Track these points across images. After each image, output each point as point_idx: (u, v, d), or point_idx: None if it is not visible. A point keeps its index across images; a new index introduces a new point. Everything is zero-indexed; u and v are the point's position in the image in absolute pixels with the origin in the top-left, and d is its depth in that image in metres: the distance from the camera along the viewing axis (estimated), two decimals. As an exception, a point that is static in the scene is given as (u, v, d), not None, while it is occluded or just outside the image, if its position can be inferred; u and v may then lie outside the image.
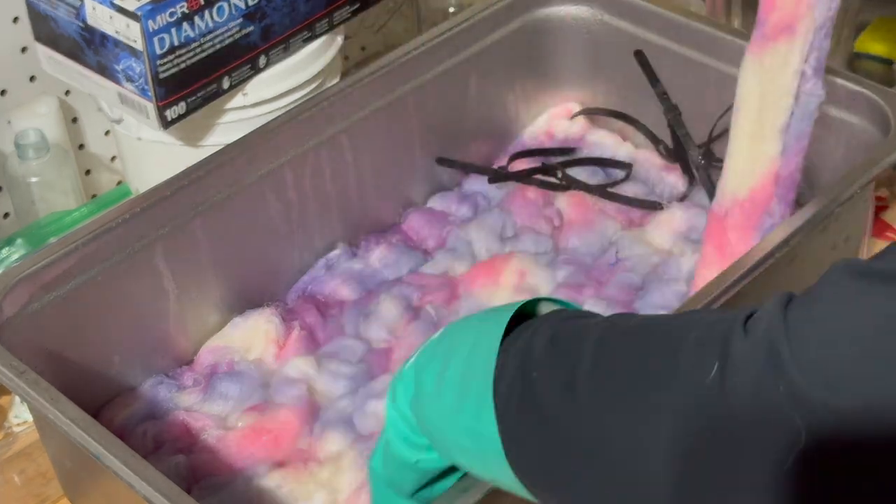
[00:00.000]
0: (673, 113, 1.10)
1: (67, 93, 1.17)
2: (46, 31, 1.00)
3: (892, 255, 0.51)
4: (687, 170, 1.11)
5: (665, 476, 0.53)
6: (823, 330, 0.50)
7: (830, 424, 0.48)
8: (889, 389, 0.48)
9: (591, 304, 0.99)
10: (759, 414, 0.50)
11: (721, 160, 1.08)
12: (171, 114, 0.98)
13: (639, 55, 1.11)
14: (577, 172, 1.13)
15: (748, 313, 0.54)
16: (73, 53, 1.00)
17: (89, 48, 0.98)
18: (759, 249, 0.86)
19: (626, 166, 1.15)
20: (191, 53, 0.98)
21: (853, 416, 0.48)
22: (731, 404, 0.51)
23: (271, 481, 0.89)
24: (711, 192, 1.09)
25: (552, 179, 1.12)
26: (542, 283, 1.03)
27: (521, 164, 1.15)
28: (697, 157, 1.09)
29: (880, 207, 1.18)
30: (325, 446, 0.92)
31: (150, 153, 1.07)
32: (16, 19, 1.10)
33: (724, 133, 1.09)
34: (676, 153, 1.12)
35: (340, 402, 0.95)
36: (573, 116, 1.19)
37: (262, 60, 1.04)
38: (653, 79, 1.11)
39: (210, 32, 0.98)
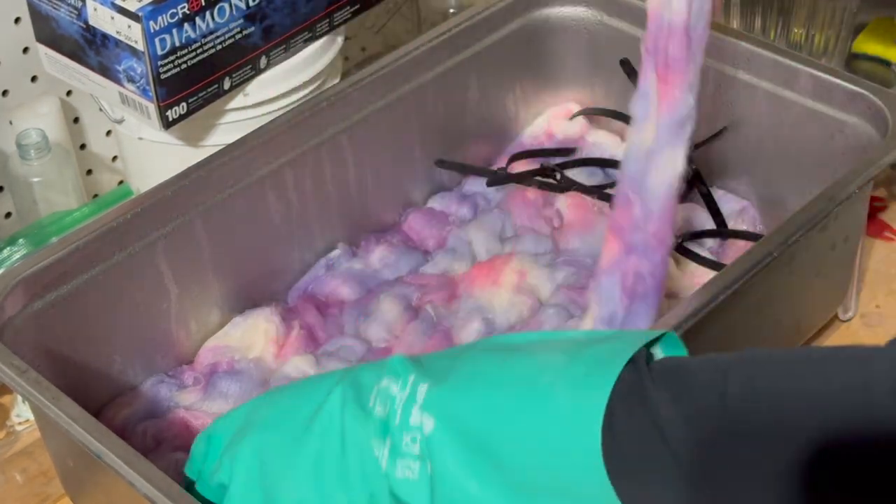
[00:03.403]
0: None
1: (69, 93, 1.17)
2: (48, 31, 1.01)
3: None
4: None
5: None
6: None
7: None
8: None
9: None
10: None
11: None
12: (172, 114, 0.99)
13: (625, 64, 1.11)
14: (577, 173, 1.14)
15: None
16: (75, 54, 1.00)
17: (90, 49, 0.98)
18: (759, 249, 0.87)
19: (626, 166, 1.15)
20: (192, 54, 0.98)
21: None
22: None
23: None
24: (706, 193, 1.09)
25: (551, 181, 1.12)
26: (542, 284, 1.03)
27: (521, 165, 1.15)
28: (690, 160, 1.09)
29: (878, 208, 1.18)
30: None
31: (152, 153, 1.07)
32: (17, 20, 1.10)
33: (719, 134, 1.10)
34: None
35: (340, 401, 0.95)
36: (573, 117, 1.19)
37: (262, 61, 1.05)
38: None
39: (211, 33, 0.99)
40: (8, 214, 1.17)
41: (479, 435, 0.60)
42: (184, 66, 0.98)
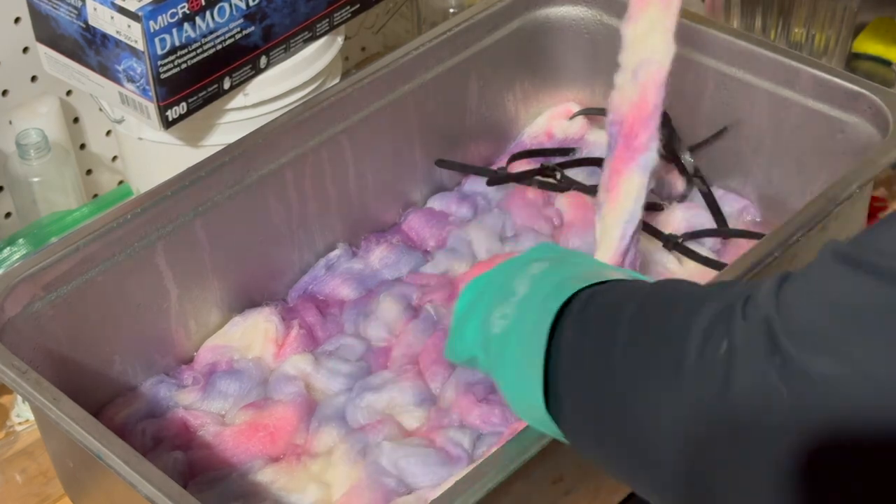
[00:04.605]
0: (662, 118, 1.10)
1: (69, 93, 1.17)
2: (48, 31, 1.01)
3: (869, 244, 0.53)
4: (683, 171, 1.12)
5: (674, 457, 0.58)
6: (813, 304, 0.53)
7: (816, 394, 0.51)
8: (868, 359, 0.50)
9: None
10: (759, 399, 0.53)
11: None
12: (172, 114, 0.99)
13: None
14: (577, 172, 1.14)
15: (747, 295, 0.57)
16: (75, 54, 1.00)
17: (90, 48, 0.98)
18: (759, 248, 0.87)
19: (626, 166, 1.15)
20: (192, 54, 0.98)
21: (840, 384, 0.51)
22: (736, 394, 0.54)
23: (266, 476, 0.89)
24: (707, 193, 1.09)
25: (551, 181, 1.12)
26: (542, 283, 1.03)
27: (521, 165, 1.15)
28: (690, 160, 1.09)
29: (878, 208, 1.18)
30: (320, 441, 0.92)
31: (151, 153, 1.07)
32: (17, 20, 1.10)
33: (719, 134, 1.09)
34: (670, 156, 1.12)
35: (337, 398, 0.95)
36: (572, 117, 1.19)
37: (262, 61, 1.05)
38: None
39: (211, 33, 0.99)
40: (8, 214, 1.17)
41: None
42: (184, 65, 0.97)
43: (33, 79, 1.14)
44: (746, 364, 0.54)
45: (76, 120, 1.20)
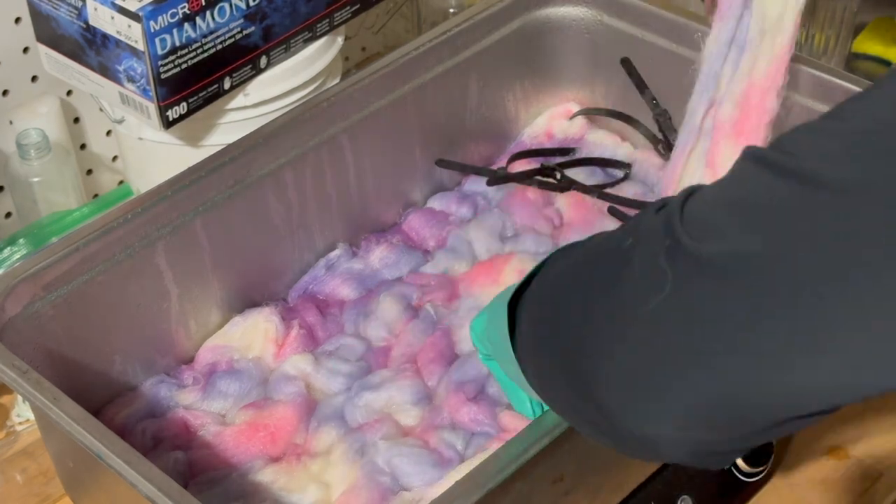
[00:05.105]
0: (663, 117, 1.11)
1: (69, 93, 1.17)
2: (48, 31, 1.01)
3: (787, 146, 0.56)
4: (685, 170, 1.12)
5: (573, 332, 0.65)
6: (711, 197, 0.58)
7: (693, 271, 0.56)
8: (746, 246, 0.54)
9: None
10: (647, 280, 0.58)
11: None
12: (172, 114, 0.99)
13: (625, 63, 1.11)
14: (577, 172, 1.14)
15: (666, 202, 0.61)
16: (75, 54, 1.00)
17: (91, 48, 0.98)
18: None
19: (626, 166, 1.15)
20: (192, 54, 0.98)
21: (718, 262, 0.55)
22: (629, 276, 0.60)
23: (266, 476, 0.90)
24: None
25: (551, 180, 1.13)
26: (542, 283, 1.03)
27: (521, 165, 1.15)
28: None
29: (879, 207, 1.18)
30: (319, 441, 0.92)
31: (152, 153, 1.07)
32: (18, 20, 1.10)
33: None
34: (669, 155, 1.12)
35: (337, 398, 0.95)
36: (572, 117, 1.19)
37: (262, 61, 1.05)
38: (641, 85, 1.11)
39: (211, 33, 0.99)
40: (8, 214, 1.17)
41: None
42: (184, 65, 0.98)
43: (34, 79, 1.14)
44: (642, 248, 0.59)
45: (76, 120, 1.20)
